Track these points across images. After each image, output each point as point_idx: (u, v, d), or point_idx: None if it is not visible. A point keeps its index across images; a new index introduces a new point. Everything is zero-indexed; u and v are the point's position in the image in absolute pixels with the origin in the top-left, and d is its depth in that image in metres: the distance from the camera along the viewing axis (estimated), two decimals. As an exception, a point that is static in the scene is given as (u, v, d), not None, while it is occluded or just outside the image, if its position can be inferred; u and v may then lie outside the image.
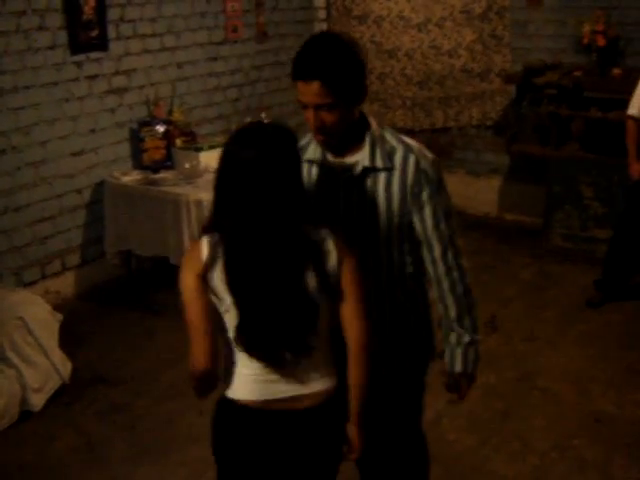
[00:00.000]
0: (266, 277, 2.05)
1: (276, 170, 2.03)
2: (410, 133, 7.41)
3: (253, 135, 2.07)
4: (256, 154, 2.01)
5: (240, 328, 2.08)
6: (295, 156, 2.10)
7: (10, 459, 3.75)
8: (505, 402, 4.12)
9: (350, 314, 2.16)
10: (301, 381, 2.15)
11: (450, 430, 3.90)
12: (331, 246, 2.11)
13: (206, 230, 2.13)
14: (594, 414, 3.99)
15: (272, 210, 2.03)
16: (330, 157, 2.36)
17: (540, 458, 3.66)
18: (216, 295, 2.08)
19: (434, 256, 2.41)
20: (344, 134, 2.28)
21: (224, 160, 2.07)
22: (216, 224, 2.11)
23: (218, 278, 2.06)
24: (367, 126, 2.34)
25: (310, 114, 2.20)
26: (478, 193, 7.02)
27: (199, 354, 2.09)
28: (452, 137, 7.12)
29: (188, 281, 2.08)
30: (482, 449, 3.74)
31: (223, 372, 2.19)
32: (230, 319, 2.10)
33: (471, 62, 6.71)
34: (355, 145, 2.32)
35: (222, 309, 2.10)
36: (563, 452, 3.70)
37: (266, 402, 2.15)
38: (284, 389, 2.15)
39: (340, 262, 2.12)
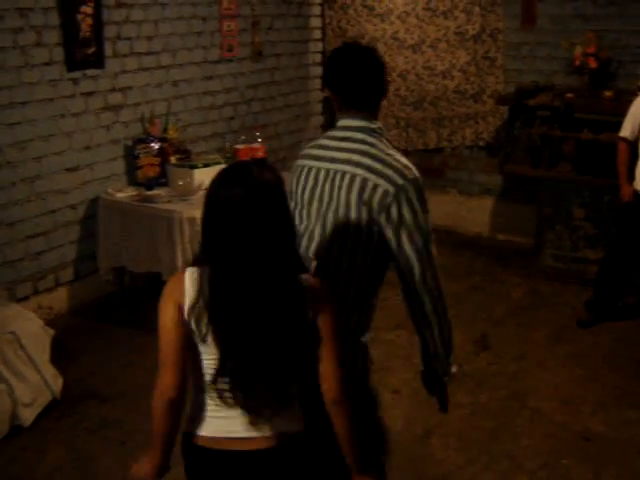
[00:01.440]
0: (250, 318, 2.05)
1: (263, 209, 2.03)
2: (404, 153, 7.47)
3: (239, 174, 2.07)
4: (243, 193, 2.02)
5: (220, 368, 2.07)
6: (282, 195, 2.09)
7: (-1, 474, 3.75)
8: (494, 421, 4.13)
9: (324, 369, 2.16)
10: (262, 423, 2.14)
11: (439, 448, 3.91)
12: (310, 294, 2.11)
13: (196, 262, 2.15)
14: (583, 433, 4.01)
15: (260, 250, 2.03)
16: None
17: (529, 477, 3.67)
18: (193, 328, 2.08)
19: None
20: None
21: (210, 199, 2.08)
22: (205, 258, 2.11)
23: (199, 312, 2.06)
24: None
25: None
26: (470, 213, 7.06)
27: (167, 383, 2.10)
28: (445, 157, 7.18)
29: (168, 309, 2.08)
30: (471, 468, 3.75)
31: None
32: (207, 357, 2.10)
33: (464, 83, 6.77)
34: None
35: (198, 340, 2.09)
36: (552, 471, 3.71)
37: (219, 440, 2.15)
38: (239, 429, 2.14)
39: (316, 313, 2.12)
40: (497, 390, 4.44)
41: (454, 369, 2.65)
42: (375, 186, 2.37)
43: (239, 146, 5.88)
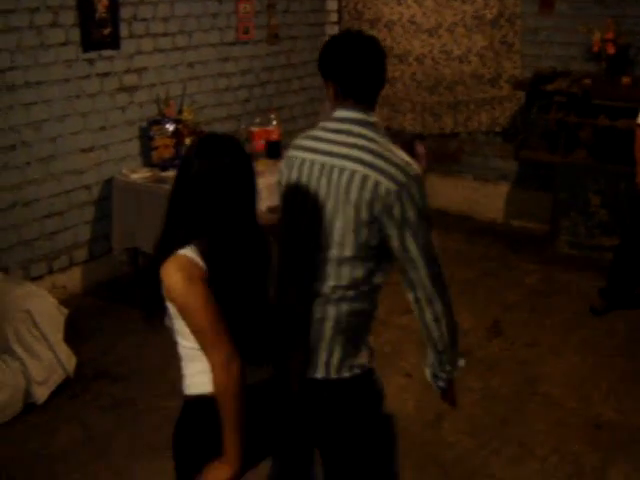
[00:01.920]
0: (250, 281, 2.20)
1: (250, 176, 2.18)
2: (419, 136, 7.43)
3: (221, 145, 2.16)
4: (232, 161, 2.14)
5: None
6: (248, 167, 2.20)
7: (13, 451, 3.78)
8: (506, 406, 4.14)
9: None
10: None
11: (450, 433, 3.91)
12: None
13: (182, 239, 2.15)
14: (594, 420, 4.01)
15: (249, 216, 2.19)
16: None
17: (540, 463, 3.68)
18: None
19: None
20: None
21: (200, 170, 2.13)
22: (197, 231, 2.15)
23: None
24: None
25: None
26: (485, 199, 7.03)
27: (233, 352, 2.12)
28: (461, 142, 7.14)
29: (199, 288, 2.09)
30: (482, 452, 3.75)
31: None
32: None
33: (481, 68, 6.72)
34: None
35: None
36: (563, 457, 3.71)
37: None
38: None
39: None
40: (509, 375, 4.43)
41: (462, 363, 2.63)
42: (377, 184, 2.28)
43: (254, 129, 5.87)
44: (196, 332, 2.13)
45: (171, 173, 5.42)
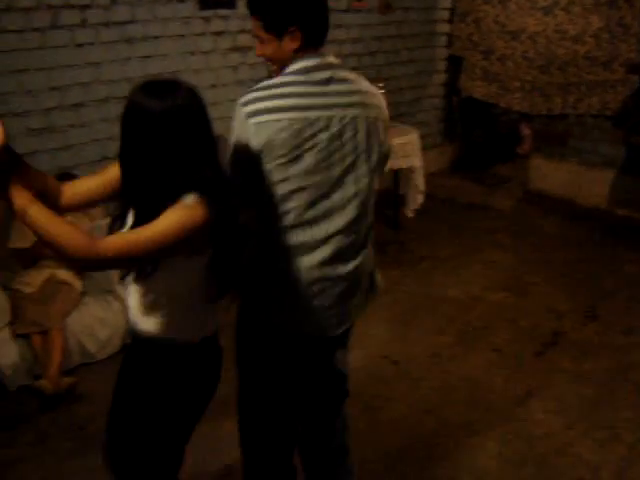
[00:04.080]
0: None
1: (181, 124, 1.99)
2: (525, 117, 7.33)
3: (160, 87, 2.02)
4: (162, 106, 1.97)
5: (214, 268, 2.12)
6: (203, 113, 2.10)
7: (107, 388, 3.91)
8: (596, 390, 4.08)
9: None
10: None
11: (538, 410, 3.89)
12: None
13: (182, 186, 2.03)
14: (688, 412, 3.93)
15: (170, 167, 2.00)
16: None
17: (628, 449, 3.62)
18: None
19: None
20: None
21: (128, 111, 2.01)
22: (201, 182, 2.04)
23: None
24: None
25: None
26: (590, 184, 6.88)
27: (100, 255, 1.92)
28: (569, 125, 7.00)
29: (190, 216, 1.98)
30: (569, 433, 3.72)
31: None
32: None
33: (596, 49, 6.55)
34: None
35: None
36: (652, 445, 3.66)
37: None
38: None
39: None
40: (602, 360, 4.36)
41: None
42: (377, 119, 2.41)
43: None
44: (141, 231, 1.96)
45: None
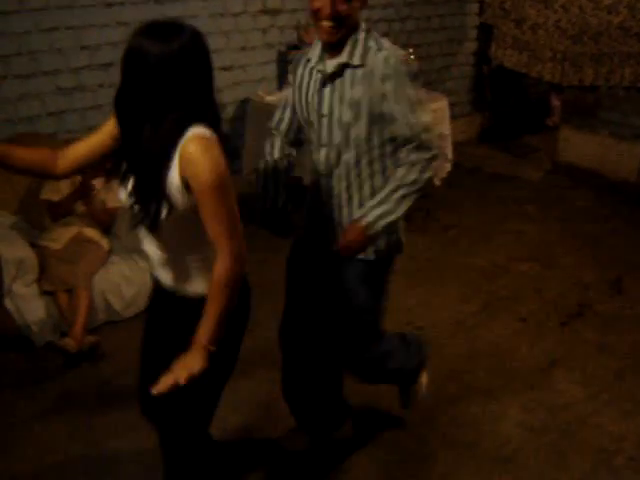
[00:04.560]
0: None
1: (181, 66, 1.97)
2: (555, 88, 7.24)
3: (163, 29, 2.01)
4: (165, 48, 1.95)
5: None
6: (206, 57, 2.10)
7: (132, 345, 3.95)
8: (621, 363, 4.05)
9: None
10: None
11: (561, 380, 3.88)
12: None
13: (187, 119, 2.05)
14: None
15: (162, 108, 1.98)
16: (327, 59, 2.59)
17: (651, 421, 3.61)
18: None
19: (403, 150, 2.62)
20: (346, 35, 2.50)
21: (129, 54, 1.98)
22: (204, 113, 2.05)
23: None
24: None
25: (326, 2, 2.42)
26: (619, 157, 6.79)
27: (244, 243, 2.08)
28: (599, 96, 6.90)
29: (226, 167, 2.02)
30: (591, 403, 3.71)
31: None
32: None
33: (630, 20, 6.43)
34: (345, 48, 2.54)
35: None
36: (676, 417, 3.64)
37: None
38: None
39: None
40: (627, 333, 4.33)
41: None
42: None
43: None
44: (219, 218, 2.01)
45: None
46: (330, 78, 2.59)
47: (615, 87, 6.76)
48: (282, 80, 5.75)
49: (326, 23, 2.45)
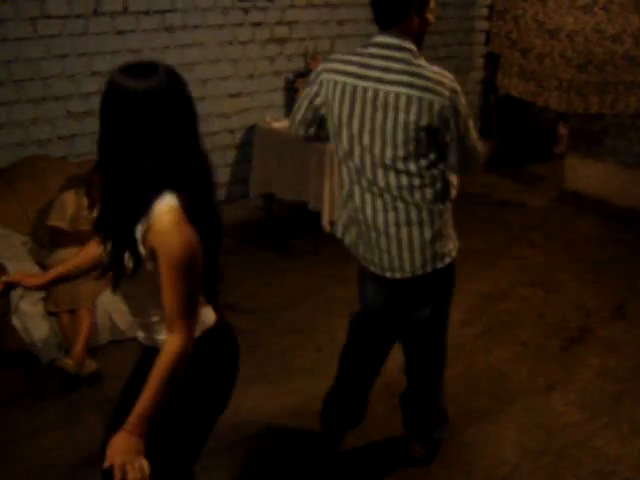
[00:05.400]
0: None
1: (160, 105, 1.92)
2: (562, 117, 7.32)
3: (139, 68, 1.96)
4: (141, 86, 1.91)
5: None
6: (182, 94, 2.01)
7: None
8: (620, 386, 4.07)
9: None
10: None
11: (560, 402, 3.91)
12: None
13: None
14: None
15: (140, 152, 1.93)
16: None
17: (648, 443, 3.63)
18: None
19: None
20: None
21: (107, 93, 1.95)
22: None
23: None
24: None
25: None
26: (625, 184, 6.83)
27: (194, 328, 2.05)
28: (605, 124, 6.97)
29: (197, 243, 1.97)
30: (589, 425, 3.73)
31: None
32: None
33: (635, 49, 6.51)
34: None
35: None
36: (673, 441, 3.65)
37: None
38: None
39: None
40: (627, 358, 4.35)
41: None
42: (431, 103, 2.61)
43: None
44: (180, 295, 1.96)
45: (311, 125, 5.56)
46: None
47: (621, 115, 6.83)
48: (289, 107, 5.85)
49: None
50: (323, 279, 5.10)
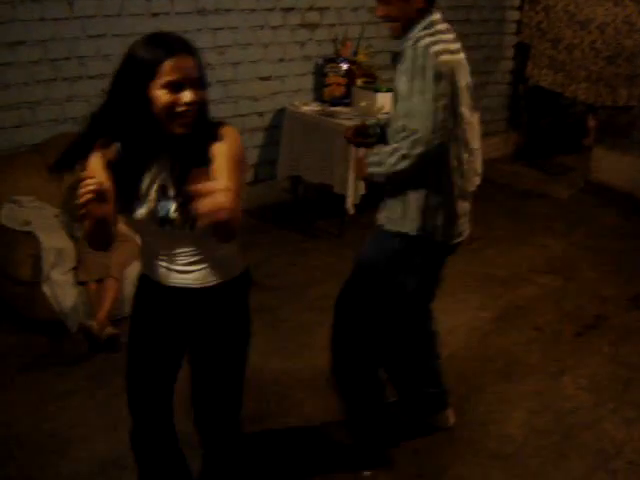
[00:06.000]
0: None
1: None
2: (592, 109, 7.34)
3: (160, 38, 2.09)
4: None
5: None
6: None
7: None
8: (631, 373, 4.14)
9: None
10: None
11: (569, 386, 4.00)
12: None
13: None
14: None
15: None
16: None
17: (656, 428, 3.71)
18: None
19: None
20: (403, 29, 2.87)
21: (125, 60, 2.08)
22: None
23: None
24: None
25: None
26: (650, 177, 6.87)
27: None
28: (633, 117, 6.98)
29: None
30: (597, 409, 3.81)
31: None
32: None
33: (664, 42, 6.54)
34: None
35: None
36: (680, 427, 3.72)
37: None
38: None
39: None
40: (640, 346, 4.44)
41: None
42: None
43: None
44: (235, 180, 2.13)
45: (339, 109, 5.67)
46: (395, 67, 2.96)
47: (649, 108, 6.85)
48: (318, 91, 5.96)
49: (386, 24, 2.92)
50: (346, 261, 5.15)
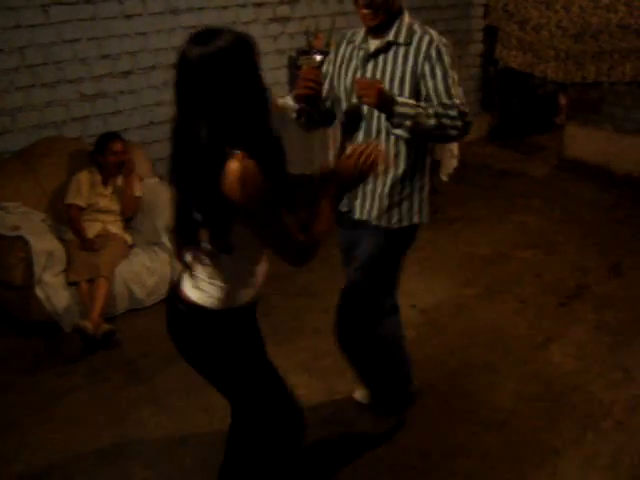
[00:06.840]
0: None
1: (220, 68, 2.00)
2: (563, 87, 7.46)
3: (207, 35, 2.05)
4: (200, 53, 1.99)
5: None
6: (248, 58, 2.08)
7: (153, 330, 4.22)
8: (615, 338, 4.26)
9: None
10: None
11: (557, 354, 4.10)
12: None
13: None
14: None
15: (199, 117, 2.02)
16: (371, 39, 2.93)
17: (640, 388, 3.83)
18: None
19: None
20: (385, 19, 2.83)
21: (177, 60, 2.04)
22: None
23: None
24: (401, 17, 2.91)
25: None
26: (623, 151, 6.98)
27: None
28: (602, 92, 7.11)
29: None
30: (585, 374, 3.92)
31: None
32: None
33: (629, 17, 6.64)
34: (390, 30, 2.88)
35: None
36: (664, 387, 3.84)
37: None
38: None
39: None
40: (623, 312, 4.53)
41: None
42: None
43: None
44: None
45: (314, 100, 5.74)
46: (374, 55, 2.91)
47: (617, 83, 6.97)
48: (292, 84, 6.02)
49: (364, 11, 2.83)
50: (332, 247, 5.28)
